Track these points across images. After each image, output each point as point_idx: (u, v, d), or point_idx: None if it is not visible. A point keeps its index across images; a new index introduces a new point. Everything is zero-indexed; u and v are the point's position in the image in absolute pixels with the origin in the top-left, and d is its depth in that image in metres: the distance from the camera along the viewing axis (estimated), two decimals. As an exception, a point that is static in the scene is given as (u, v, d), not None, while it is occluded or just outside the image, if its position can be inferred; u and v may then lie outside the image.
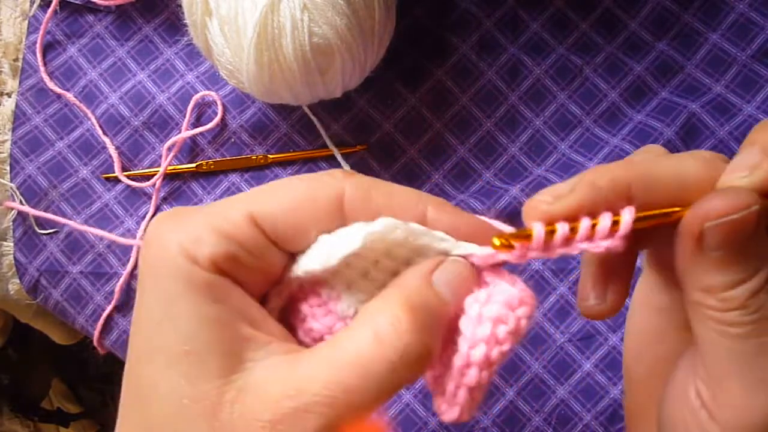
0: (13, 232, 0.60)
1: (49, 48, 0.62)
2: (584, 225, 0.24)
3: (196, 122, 0.61)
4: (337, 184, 0.25)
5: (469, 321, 0.25)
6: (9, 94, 0.62)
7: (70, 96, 0.61)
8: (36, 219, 0.60)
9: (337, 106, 0.59)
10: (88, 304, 0.60)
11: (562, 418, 0.56)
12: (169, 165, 0.59)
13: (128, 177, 0.60)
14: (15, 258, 0.60)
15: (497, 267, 0.26)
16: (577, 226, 0.24)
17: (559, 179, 0.57)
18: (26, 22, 0.62)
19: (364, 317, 0.24)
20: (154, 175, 0.59)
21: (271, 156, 0.60)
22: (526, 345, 0.57)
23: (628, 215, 0.24)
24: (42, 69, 0.61)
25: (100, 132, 0.60)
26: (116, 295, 0.59)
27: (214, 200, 0.60)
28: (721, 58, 0.58)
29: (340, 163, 0.59)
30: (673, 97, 0.58)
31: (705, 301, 0.24)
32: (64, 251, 0.60)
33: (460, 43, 0.60)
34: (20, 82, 0.62)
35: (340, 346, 0.23)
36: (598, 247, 0.24)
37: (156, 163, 0.60)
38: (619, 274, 0.28)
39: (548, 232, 0.24)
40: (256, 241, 0.25)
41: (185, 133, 0.59)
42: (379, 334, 0.22)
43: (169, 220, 0.25)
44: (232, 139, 0.60)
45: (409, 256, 0.26)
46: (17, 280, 0.61)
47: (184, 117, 0.60)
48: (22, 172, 0.61)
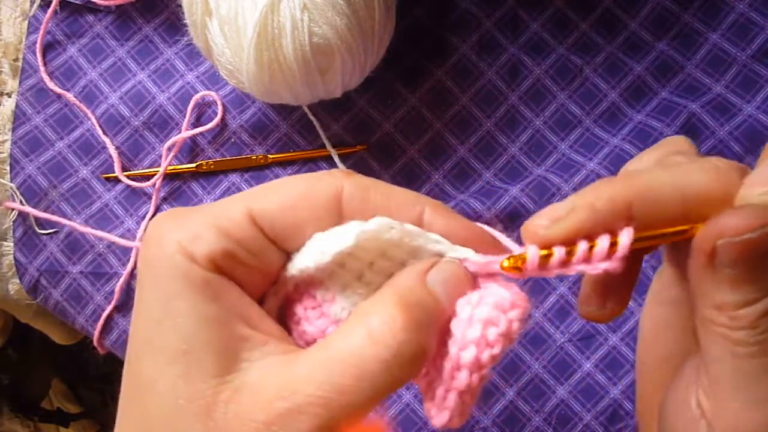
0: (13, 232, 0.60)
1: (49, 48, 0.62)
2: (581, 249, 0.24)
3: (196, 122, 0.61)
4: (336, 183, 0.25)
5: (460, 323, 0.24)
6: (9, 94, 0.62)
7: (70, 96, 0.61)
8: (36, 219, 0.60)
9: (337, 106, 0.59)
10: (88, 304, 0.60)
11: (562, 418, 0.56)
12: (169, 165, 0.59)
13: (128, 177, 0.60)
14: (15, 258, 0.60)
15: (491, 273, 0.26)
16: (574, 249, 0.24)
17: (559, 179, 0.57)
18: (26, 22, 0.62)
19: (358, 317, 0.24)
20: (154, 175, 0.59)
21: (271, 156, 0.60)
22: (526, 345, 0.57)
23: (626, 238, 0.23)
24: (42, 69, 0.61)
25: (100, 132, 0.60)
26: (116, 295, 0.59)
27: (214, 200, 0.60)
28: (721, 58, 0.58)
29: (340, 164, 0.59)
30: (673, 97, 0.58)
31: (715, 317, 0.24)
32: (64, 251, 0.60)
33: (460, 43, 0.60)
34: (20, 82, 0.62)
35: (333, 346, 0.23)
36: (596, 269, 0.24)
37: (156, 163, 0.60)
38: (620, 282, 0.27)
39: (545, 256, 0.24)
40: (255, 239, 0.25)
41: (185, 133, 0.59)
42: (373, 333, 0.22)
43: (168, 219, 0.25)
44: (232, 139, 0.60)
45: (404, 258, 0.26)
46: (17, 280, 0.61)
47: (184, 117, 0.60)
48: (22, 172, 0.61)
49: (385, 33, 0.52)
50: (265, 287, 0.26)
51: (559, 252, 0.24)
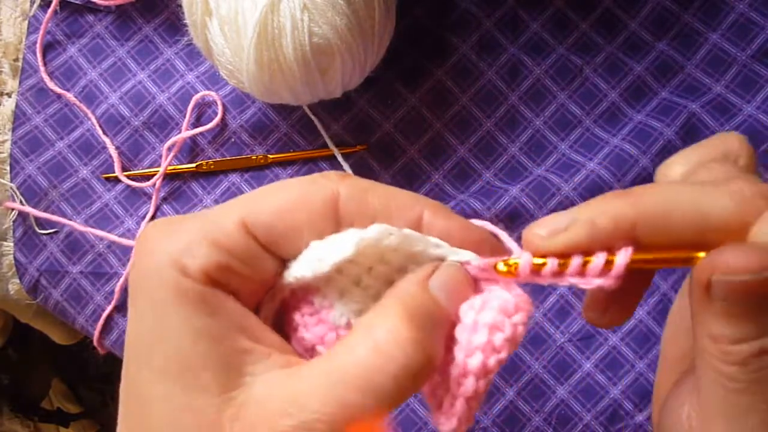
0: (13, 232, 0.60)
1: (49, 48, 0.62)
2: (574, 264, 0.23)
3: (196, 122, 0.61)
4: (332, 186, 0.25)
5: (465, 329, 0.24)
6: (9, 94, 0.62)
7: (70, 96, 0.61)
8: (36, 219, 0.60)
9: (337, 106, 0.59)
10: (88, 304, 0.60)
11: (562, 418, 0.56)
12: (169, 165, 0.59)
13: (128, 177, 0.60)
14: (15, 258, 0.60)
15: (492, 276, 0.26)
16: (568, 262, 0.24)
17: (559, 179, 0.57)
18: (26, 22, 0.62)
19: (362, 329, 0.23)
20: (154, 175, 0.59)
21: (271, 156, 0.60)
22: (526, 345, 0.57)
23: (622, 258, 0.23)
24: (42, 69, 0.61)
25: (100, 132, 0.60)
26: (116, 295, 0.59)
27: (215, 200, 0.60)
28: (721, 58, 0.58)
29: (340, 163, 0.59)
30: (673, 97, 0.58)
31: (709, 347, 0.23)
32: (64, 251, 0.60)
33: (460, 43, 0.60)
34: (20, 82, 0.62)
35: (338, 360, 0.22)
36: (590, 284, 0.23)
37: (156, 163, 0.60)
38: (623, 295, 0.26)
39: (538, 265, 0.24)
40: (249, 250, 0.24)
41: (185, 133, 0.59)
42: (379, 346, 0.22)
43: (158, 230, 0.25)
44: (232, 139, 0.60)
45: (403, 263, 0.26)
46: (17, 280, 0.61)
47: (184, 117, 0.60)
48: (22, 172, 0.61)
49: (385, 33, 0.52)
50: (261, 294, 0.26)
51: (552, 263, 0.24)
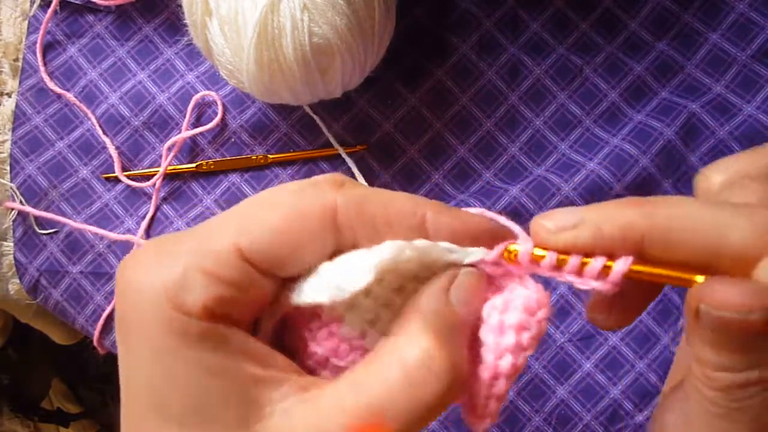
0: (13, 232, 0.60)
1: (49, 48, 0.62)
2: (571, 263, 0.23)
3: (196, 122, 0.61)
4: (327, 197, 0.23)
5: (491, 330, 0.24)
6: (9, 94, 0.62)
7: (70, 96, 0.61)
8: (36, 219, 0.60)
9: (337, 106, 0.59)
10: (88, 304, 0.60)
11: (562, 418, 0.56)
12: (169, 165, 0.59)
13: (128, 177, 0.60)
14: (15, 258, 0.60)
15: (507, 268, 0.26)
16: (566, 260, 0.24)
17: (559, 179, 0.57)
18: (26, 22, 0.62)
19: (389, 353, 0.22)
20: (154, 175, 0.59)
21: (271, 156, 0.60)
22: (526, 345, 0.57)
23: (620, 266, 0.23)
24: (42, 69, 0.61)
25: (100, 132, 0.60)
26: (116, 295, 0.59)
27: (214, 200, 0.60)
28: (721, 58, 0.58)
29: (339, 163, 0.59)
30: (673, 97, 0.58)
31: (695, 369, 0.23)
32: (64, 251, 0.60)
33: (460, 43, 0.60)
34: (20, 82, 0.62)
35: (365, 386, 0.21)
36: (588, 284, 0.23)
37: (156, 163, 0.60)
38: (627, 301, 0.26)
39: (537, 256, 0.24)
40: (247, 277, 0.22)
41: (185, 133, 0.59)
42: (411, 372, 0.21)
43: (144, 258, 0.23)
44: (232, 139, 0.60)
45: (415, 270, 0.25)
46: (17, 280, 0.61)
47: (184, 117, 0.60)
48: (22, 172, 0.61)
49: (385, 33, 0.52)
50: (257, 313, 0.25)
51: (551, 257, 0.24)
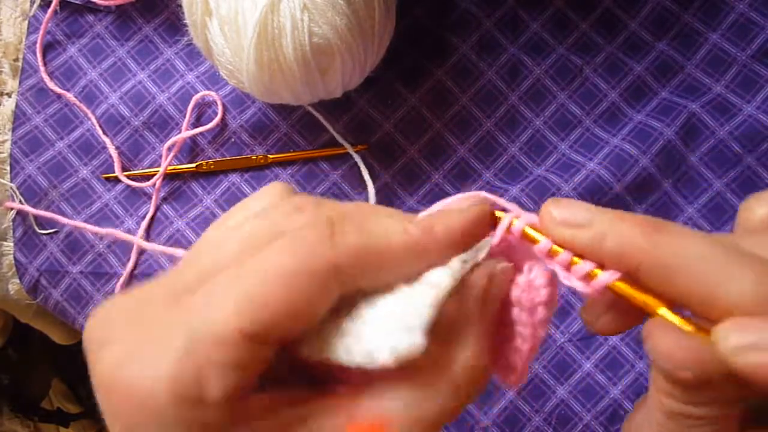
0: (13, 232, 0.60)
1: (49, 48, 0.62)
2: (561, 258, 0.24)
3: (196, 122, 0.61)
4: (325, 253, 0.21)
5: (524, 310, 0.25)
6: (9, 94, 0.62)
7: (70, 96, 0.61)
8: (36, 219, 0.60)
9: (337, 106, 0.59)
10: (88, 304, 0.60)
11: (562, 418, 0.56)
12: (169, 165, 0.59)
13: (128, 177, 0.60)
14: (15, 258, 0.60)
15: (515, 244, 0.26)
16: (558, 252, 0.24)
17: (559, 179, 0.57)
18: (26, 22, 0.62)
19: (440, 367, 0.22)
20: (154, 175, 0.59)
21: (271, 156, 0.60)
22: (526, 345, 0.57)
23: (602, 278, 0.23)
24: (42, 69, 0.61)
25: (100, 132, 0.60)
26: (116, 295, 0.59)
27: (214, 200, 0.60)
28: (721, 58, 0.58)
29: (340, 163, 0.59)
30: (673, 97, 0.58)
31: (651, 388, 0.23)
32: (64, 251, 0.60)
33: (460, 43, 0.60)
34: (20, 82, 0.62)
35: (424, 408, 0.21)
36: (571, 282, 0.24)
37: (156, 163, 0.60)
38: (624, 311, 0.25)
39: (532, 236, 0.25)
40: (256, 354, 0.20)
41: (185, 133, 0.59)
42: (460, 386, 0.22)
43: (126, 347, 0.20)
44: (232, 139, 0.60)
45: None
46: (17, 280, 0.61)
47: (184, 117, 0.60)
48: (22, 172, 0.61)
49: (385, 33, 0.52)
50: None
51: (545, 244, 0.24)
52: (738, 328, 0.19)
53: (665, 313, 0.22)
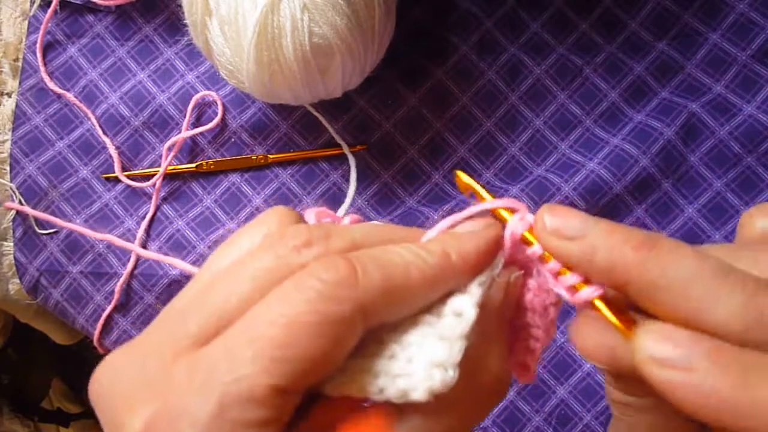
0: (13, 232, 0.60)
1: (49, 48, 0.62)
2: (550, 266, 0.24)
3: (196, 122, 0.61)
4: (352, 296, 0.20)
5: (537, 315, 0.26)
6: (9, 94, 0.62)
7: (70, 96, 0.61)
8: (36, 219, 0.60)
9: (337, 106, 0.59)
10: (88, 304, 0.60)
11: (562, 418, 0.56)
12: (169, 165, 0.59)
13: (128, 177, 0.60)
14: (15, 258, 0.60)
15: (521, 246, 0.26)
16: (548, 258, 0.24)
17: (559, 179, 0.57)
18: (26, 22, 0.62)
19: (479, 384, 0.23)
20: (154, 175, 0.59)
21: (271, 156, 0.60)
22: (526, 345, 0.57)
23: (584, 293, 0.23)
24: (42, 69, 0.61)
25: (100, 132, 0.60)
26: (116, 295, 0.59)
27: (214, 200, 0.60)
28: (721, 58, 0.58)
29: (339, 163, 0.59)
30: (673, 97, 0.58)
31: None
32: (64, 251, 0.60)
33: (460, 43, 0.60)
34: (20, 82, 0.62)
35: (452, 417, 0.22)
36: (558, 289, 0.24)
37: (156, 163, 0.60)
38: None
39: (526, 240, 0.25)
40: (287, 403, 0.20)
41: (185, 133, 0.59)
42: (484, 403, 0.23)
43: (150, 411, 0.20)
44: (232, 139, 0.60)
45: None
46: (17, 280, 0.61)
47: (184, 117, 0.60)
48: (22, 172, 0.61)
49: (385, 33, 0.52)
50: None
51: (536, 248, 0.25)
52: (660, 337, 0.19)
53: (600, 305, 0.22)
